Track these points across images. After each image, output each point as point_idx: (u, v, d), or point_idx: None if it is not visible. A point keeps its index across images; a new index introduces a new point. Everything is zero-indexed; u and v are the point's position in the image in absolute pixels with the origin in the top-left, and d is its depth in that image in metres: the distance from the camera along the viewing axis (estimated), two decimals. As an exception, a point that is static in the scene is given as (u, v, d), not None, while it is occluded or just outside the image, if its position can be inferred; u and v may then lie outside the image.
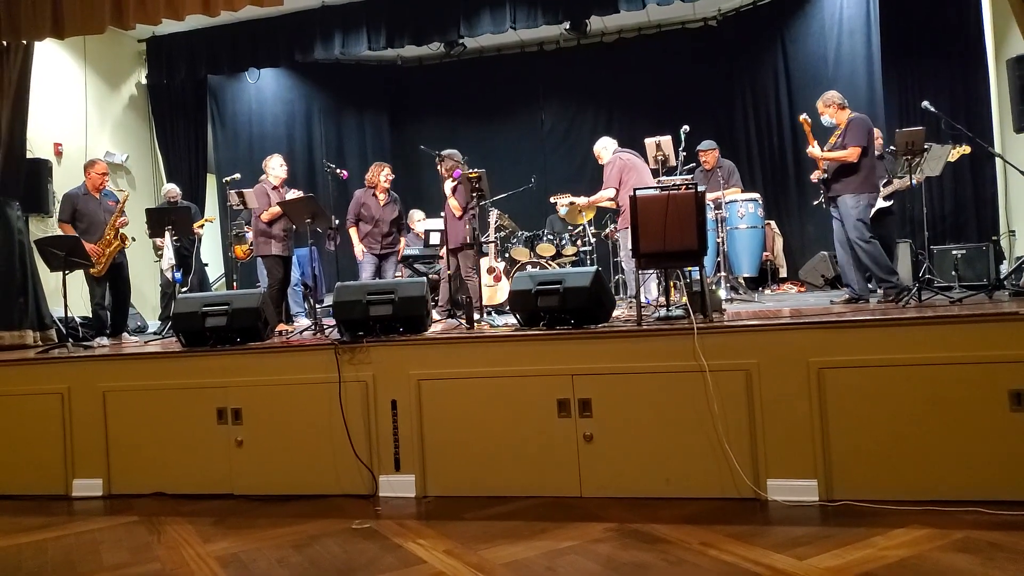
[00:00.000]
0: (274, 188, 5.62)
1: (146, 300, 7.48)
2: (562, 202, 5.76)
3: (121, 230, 5.40)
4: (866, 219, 4.41)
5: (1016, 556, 2.47)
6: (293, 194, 5.54)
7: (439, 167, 5.70)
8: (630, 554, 2.72)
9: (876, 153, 6.17)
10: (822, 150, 4.58)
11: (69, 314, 5.04)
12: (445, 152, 5.70)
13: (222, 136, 8.78)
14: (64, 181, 6.84)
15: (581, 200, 5.67)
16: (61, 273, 4.82)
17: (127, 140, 7.97)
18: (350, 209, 5.93)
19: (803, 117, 4.73)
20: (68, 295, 4.84)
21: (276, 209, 5.43)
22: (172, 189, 6.97)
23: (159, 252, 6.40)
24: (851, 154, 4.39)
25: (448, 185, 5.48)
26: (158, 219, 5.60)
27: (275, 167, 5.66)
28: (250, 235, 7.05)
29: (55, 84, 7.04)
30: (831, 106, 4.62)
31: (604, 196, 5.57)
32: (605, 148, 5.67)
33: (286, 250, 5.60)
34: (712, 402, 3.26)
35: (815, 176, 4.65)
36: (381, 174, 5.82)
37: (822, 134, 4.72)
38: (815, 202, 5.44)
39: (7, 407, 4.17)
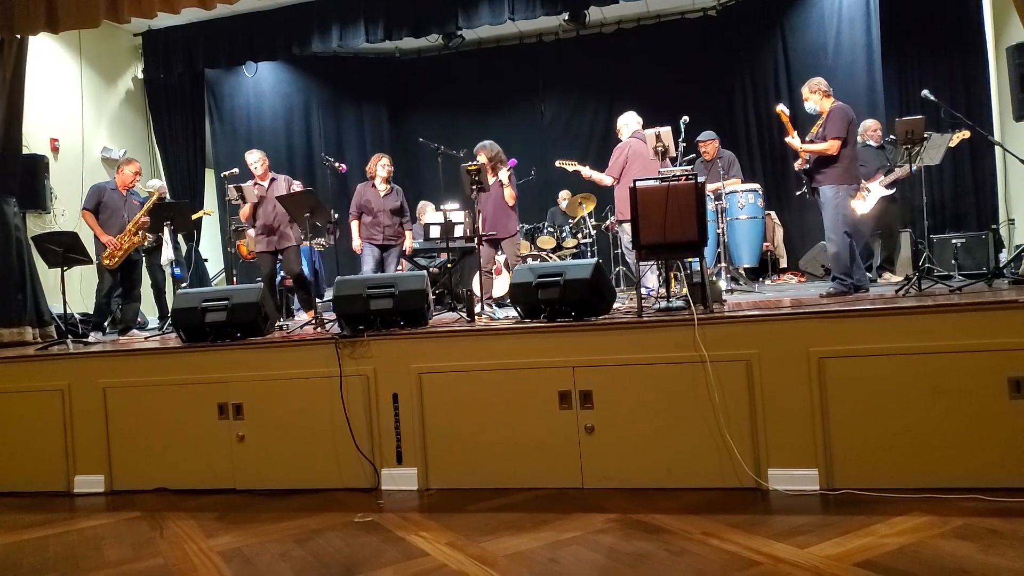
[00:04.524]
0: (255, 184, 5.60)
1: (145, 295, 7.48)
2: (568, 166, 5.76)
3: (143, 229, 5.42)
4: (846, 211, 4.30)
5: (1015, 542, 2.48)
6: (282, 181, 5.54)
7: (480, 157, 5.58)
8: (632, 544, 2.73)
9: (876, 144, 6.18)
10: (805, 140, 4.47)
11: (68, 310, 5.03)
12: (486, 143, 5.62)
13: (220, 130, 8.75)
14: (61, 177, 6.83)
15: (585, 170, 5.64)
16: (60, 270, 4.81)
17: (124, 135, 7.94)
18: (352, 202, 5.92)
19: (779, 108, 4.63)
20: (67, 291, 4.83)
21: (245, 210, 5.51)
22: (160, 186, 6.94)
23: (142, 247, 6.36)
24: (831, 147, 4.27)
25: (504, 174, 5.43)
26: (157, 215, 5.59)
27: (251, 162, 5.62)
28: (251, 231, 7.07)
29: (50, 79, 7.00)
30: (817, 92, 4.47)
31: (604, 181, 5.54)
32: (626, 125, 5.56)
33: (269, 245, 5.56)
34: (713, 392, 3.27)
35: (798, 165, 4.58)
36: (378, 164, 5.82)
37: (808, 122, 4.66)
38: (798, 192, 5.41)
39: (7, 404, 4.17)
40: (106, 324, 5.65)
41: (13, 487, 4.11)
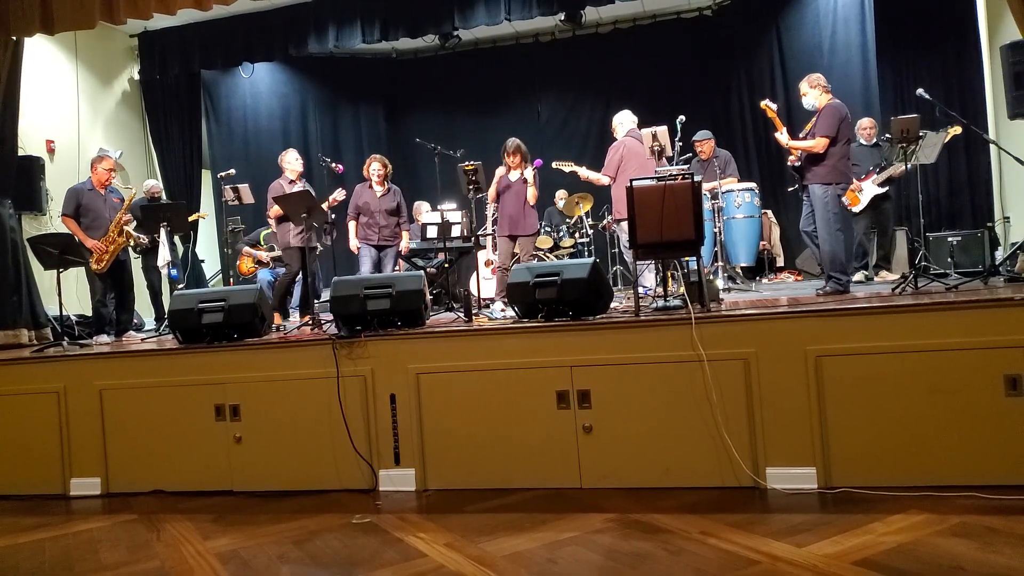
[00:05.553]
0: (291, 182, 5.59)
1: (141, 297, 7.47)
2: (564, 167, 5.78)
3: (126, 228, 5.38)
4: (835, 210, 4.28)
5: (1013, 540, 2.49)
6: (300, 187, 5.55)
7: (506, 159, 5.51)
8: (631, 544, 2.73)
9: (872, 142, 6.19)
10: (800, 135, 4.45)
11: (64, 312, 5.01)
12: (518, 140, 5.59)
13: (216, 131, 8.73)
14: (57, 178, 6.81)
15: (582, 171, 5.65)
16: (55, 271, 4.79)
17: (120, 136, 7.92)
18: (350, 203, 5.92)
19: (764, 103, 4.61)
20: (63, 293, 4.81)
21: (276, 210, 5.45)
22: (155, 185, 6.92)
23: (137, 249, 6.36)
24: (818, 144, 4.23)
25: (530, 173, 5.43)
26: (152, 216, 5.58)
27: (290, 161, 5.64)
28: (247, 248, 7.07)
29: (46, 80, 6.98)
30: (816, 87, 4.43)
31: (601, 181, 5.55)
32: (621, 124, 5.57)
33: (303, 241, 5.56)
34: (711, 391, 3.27)
35: (791, 161, 4.57)
36: (367, 168, 5.83)
37: (803, 118, 4.65)
38: (790, 188, 5.38)
39: (3, 407, 4.15)
40: (107, 328, 5.64)
41: (9, 490, 4.09)
